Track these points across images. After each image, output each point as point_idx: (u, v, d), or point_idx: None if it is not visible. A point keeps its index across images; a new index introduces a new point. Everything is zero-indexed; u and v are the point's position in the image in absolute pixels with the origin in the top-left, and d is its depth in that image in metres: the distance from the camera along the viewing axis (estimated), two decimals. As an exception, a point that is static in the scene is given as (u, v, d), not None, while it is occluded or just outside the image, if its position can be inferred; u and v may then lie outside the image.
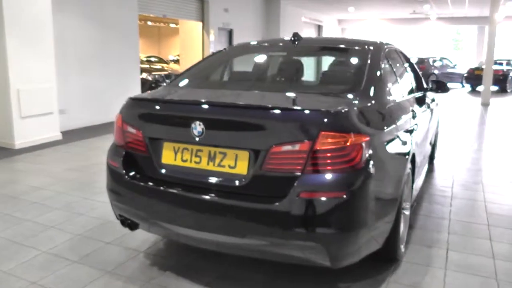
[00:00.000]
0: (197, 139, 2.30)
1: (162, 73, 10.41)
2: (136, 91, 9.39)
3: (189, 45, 14.11)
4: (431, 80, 4.43)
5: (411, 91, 3.58)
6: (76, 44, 7.87)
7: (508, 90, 16.41)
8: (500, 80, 16.06)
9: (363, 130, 2.21)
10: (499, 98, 14.18)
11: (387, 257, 2.81)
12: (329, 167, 2.12)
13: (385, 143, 2.42)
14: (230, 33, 13.75)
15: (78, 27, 7.88)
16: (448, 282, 2.70)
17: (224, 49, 3.51)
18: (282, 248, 2.21)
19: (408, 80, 3.68)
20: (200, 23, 12.30)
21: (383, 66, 2.91)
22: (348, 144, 2.12)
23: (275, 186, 2.18)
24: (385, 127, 2.49)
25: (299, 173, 2.14)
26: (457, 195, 4.35)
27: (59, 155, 5.85)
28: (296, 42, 3.21)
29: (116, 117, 2.72)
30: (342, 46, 3.22)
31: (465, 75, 18.63)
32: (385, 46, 3.28)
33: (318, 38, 3.41)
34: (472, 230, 3.50)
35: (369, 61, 2.85)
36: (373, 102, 2.53)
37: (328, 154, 2.11)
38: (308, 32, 20.71)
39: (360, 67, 2.82)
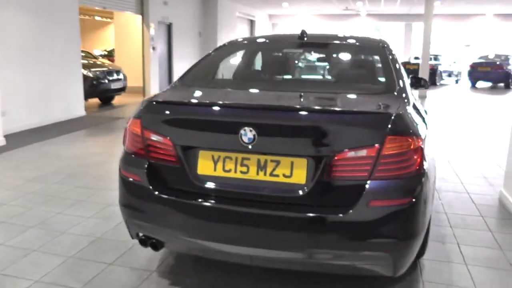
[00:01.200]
0: (249, 146, 2.05)
1: (102, 69, 9.66)
2: (78, 89, 8.68)
3: (126, 39, 13.39)
4: (410, 77, 4.47)
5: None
6: (15, 38, 7.04)
7: (437, 83, 17.57)
8: (430, 74, 17.14)
9: (418, 133, 2.12)
10: (431, 91, 15.10)
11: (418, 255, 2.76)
12: (396, 172, 2.01)
13: (426, 144, 2.36)
14: (169, 27, 13.22)
15: (17, 19, 7.05)
16: (475, 277, 2.72)
17: (225, 44, 3.23)
18: (345, 260, 2.07)
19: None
20: (140, 16, 11.67)
21: (399, 64, 2.86)
22: (412, 147, 2.03)
23: (340, 195, 2.04)
24: (425, 128, 2.43)
25: (366, 180, 2.00)
26: (441, 188, 4.47)
27: (10, 164, 5.17)
28: (305, 39, 3.04)
29: (129, 122, 2.37)
30: (357, 43, 3.11)
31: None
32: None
33: (326, 35, 3.24)
34: (470, 223, 3.60)
35: (390, 58, 2.77)
36: (408, 101, 2.46)
37: (395, 159, 2.00)
38: (241, 28, 20.57)
39: (385, 66, 2.72)
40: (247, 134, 2.04)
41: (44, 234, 3.24)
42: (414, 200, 2.04)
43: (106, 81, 9.45)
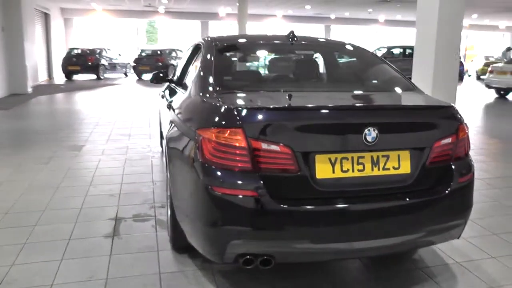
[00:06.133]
0: (371, 145, 2.17)
1: None
2: None
3: None
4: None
5: None
6: None
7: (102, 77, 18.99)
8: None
9: None
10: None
11: None
12: (463, 153, 2.47)
13: None
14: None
15: None
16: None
17: (218, 44, 3.05)
18: (441, 232, 2.41)
19: None
20: None
21: None
22: (466, 131, 2.51)
23: (437, 177, 2.36)
24: None
25: (451, 163, 2.39)
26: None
27: None
28: (300, 42, 3.19)
29: (215, 132, 2.12)
30: (346, 46, 3.42)
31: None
32: None
33: (313, 37, 3.41)
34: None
35: (381, 60, 3.18)
36: None
37: (463, 142, 2.46)
38: (38, 22, 18.10)
39: (387, 66, 3.12)
40: (371, 133, 2.15)
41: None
42: (473, 174, 2.52)
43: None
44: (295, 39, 3.15)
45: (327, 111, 2.26)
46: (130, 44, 31.80)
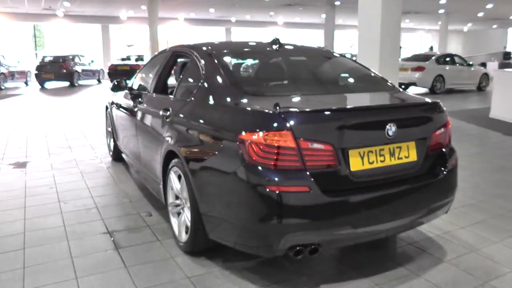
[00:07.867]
0: (389, 139, 2.51)
1: None
2: None
3: None
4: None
5: None
6: None
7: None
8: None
9: None
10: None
11: None
12: (449, 141, 2.94)
13: None
14: None
15: None
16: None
17: (212, 50, 3.18)
18: (438, 209, 2.81)
19: None
20: None
21: None
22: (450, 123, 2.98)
23: (435, 162, 2.79)
24: None
25: (444, 149, 2.83)
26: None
27: None
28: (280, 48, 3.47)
29: (271, 136, 2.30)
30: (333, 53, 3.75)
31: (108, 71, 19.86)
32: None
33: (292, 43, 3.68)
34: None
35: (360, 64, 3.57)
36: None
37: (450, 132, 2.93)
38: None
39: (366, 69, 3.52)
40: (392, 128, 2.50)
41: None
42: (457, 157, 2.99)
43: None
44: (280, 45, 3.44)
45: (360, 111, 2.60)
46: (22, 50, 29.31)
